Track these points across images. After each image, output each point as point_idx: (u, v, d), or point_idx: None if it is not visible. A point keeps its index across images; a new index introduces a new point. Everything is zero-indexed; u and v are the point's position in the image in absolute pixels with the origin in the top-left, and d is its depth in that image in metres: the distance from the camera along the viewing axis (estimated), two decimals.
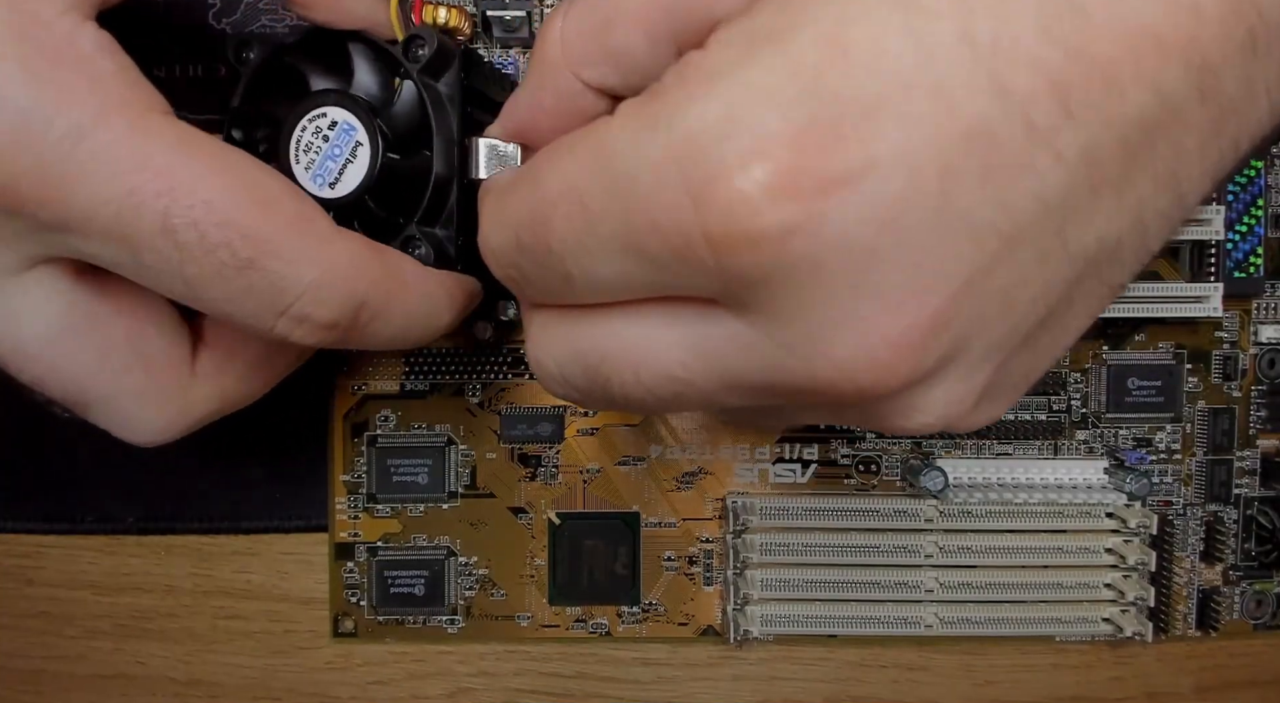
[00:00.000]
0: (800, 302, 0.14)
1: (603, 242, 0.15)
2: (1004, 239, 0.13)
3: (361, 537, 0.31)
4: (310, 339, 0.20)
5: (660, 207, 0.14)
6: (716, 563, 0.31)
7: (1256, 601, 0.31)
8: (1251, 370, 0.31)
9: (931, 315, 0.14)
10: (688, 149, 0.13)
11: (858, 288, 0.13)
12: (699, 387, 0.16)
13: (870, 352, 0.14)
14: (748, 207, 0.13)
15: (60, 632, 0.31)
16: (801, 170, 0.13)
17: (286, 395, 0.31)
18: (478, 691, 0.32)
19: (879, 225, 0.13)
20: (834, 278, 0.13)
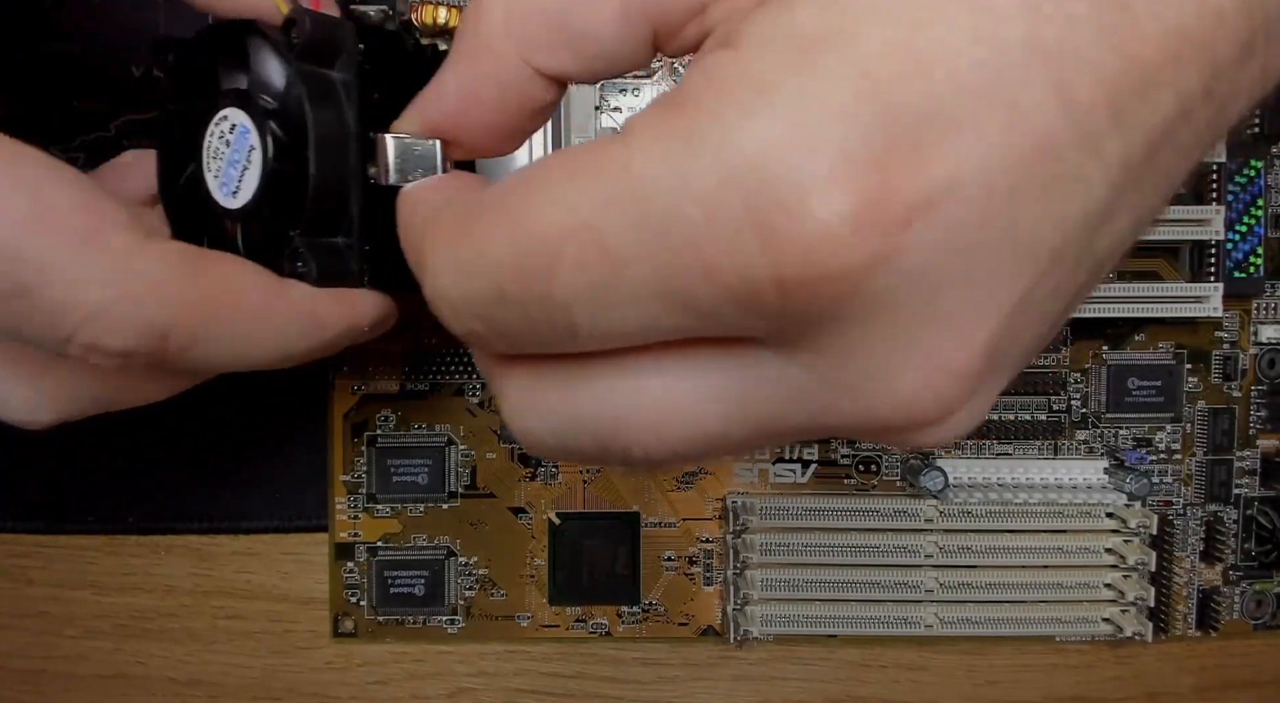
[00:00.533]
0: (864, 337, 0.12)
1: (631, 290, 0.12)
2: (1053, 255, 0.13)
3: (361, 537, 0.31)
4: (112, 365, 0.18)
5: (716, 247, 0.12)
6: (716, 563, 0.31)
7: (1256, 601, 0.31)
8: (1251, 370, 0.31)
9: (989, 339, 0.13)
10: (750, 177, 0.11)
11: (924, 319, 0.12)
12: (734, 439, 0.14)
13: (932, 386, 0.13)
14: (833, 242, 0.11)
15: (60, 632, 0.31)
16: (887, 197, 0.11)
17: (286, 395, 0.31)
18: (478, 691, 0.32)
19: (955, 252, 0.12)
20: (904, 312, 0.12)
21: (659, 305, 0.12)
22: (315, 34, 0.19)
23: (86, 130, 0.29)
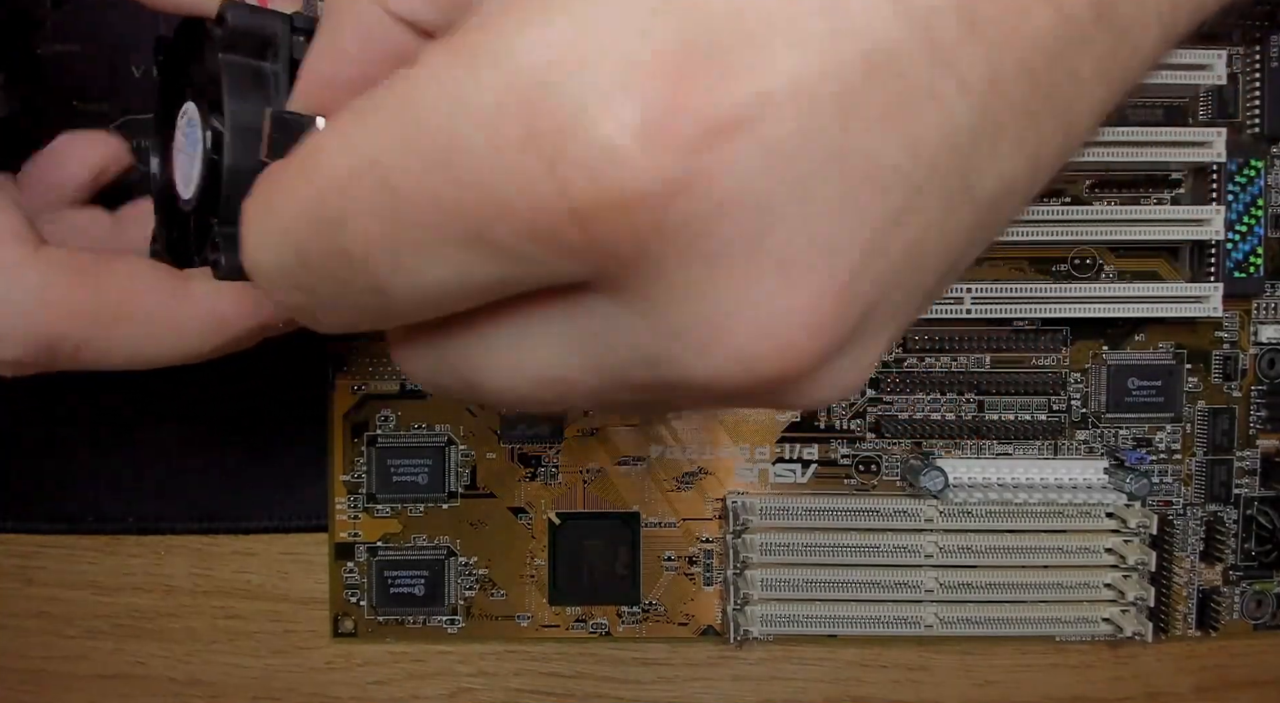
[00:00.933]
0: (687, 278, 0.11)
1: (428, 235, 0.11)
2: (911, 186, 0.11)
3: (361, 537, 0.31)
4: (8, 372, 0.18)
5: (504, 177, 0.10)
6: (716, 563, 0.31)
7: (1256, 601, 0.31)
8: (1251, 370, 0.31)
9: (842, 283, 0.11)
10: (531, 91, 0.10)
11: (754, 257, 0.11)
12: (582, 386, 0.13)
13: (775, 335, 0.11)
14: (619, 162, 0.10)
15: (60, 632, 0.31)
16: (682, 109, 0.10)
17: (286, 395, 0.31)
18: (478, 691, 0.32)
19: (777, 177, 0.10)
20: (726, 246, 0.11)
21: (463, 252, 0.11)
22: (240, 25, 0.19)
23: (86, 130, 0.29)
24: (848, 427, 0.31)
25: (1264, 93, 0.30)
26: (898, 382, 0.31)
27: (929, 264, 0.12)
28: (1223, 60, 0.28)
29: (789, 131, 0.10)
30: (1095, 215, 0.29)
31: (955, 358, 0.31)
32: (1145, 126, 0.29)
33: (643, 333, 0.12)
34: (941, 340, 0.31)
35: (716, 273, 0.11)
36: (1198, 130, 0.29)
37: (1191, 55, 0.28)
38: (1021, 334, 0.31)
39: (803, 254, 0.11)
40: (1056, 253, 0.31)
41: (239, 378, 0.30)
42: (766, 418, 0.31)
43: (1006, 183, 0.12)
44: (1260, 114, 0.30)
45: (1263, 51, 0.30)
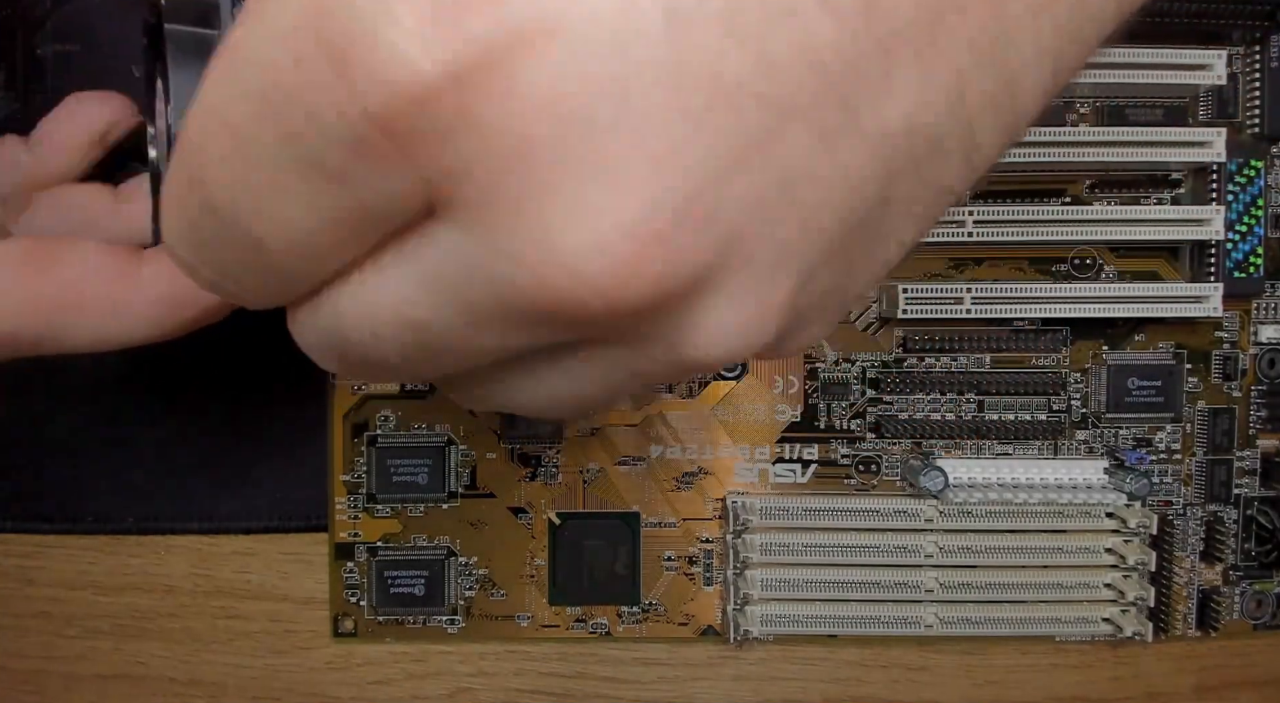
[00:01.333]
0: (510, 191, 0.11)
1: (267, 170, 0.11)
2: (768, 107, 0.11)
3: (361, 537, 0.31)
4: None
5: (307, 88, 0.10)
6: (716, 563, 0.31)
7: (1256, 601, 0.31)
8: (1251, 370, 0.31)
9: (682, 196, 0.11)
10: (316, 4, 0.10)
11: (580, 167, 0.10)
12: (436, 326, 0.13)
13: (604, 245, 0.11)
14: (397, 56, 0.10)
15: (60, 632, 0.31)
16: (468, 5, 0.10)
17: (286, 395, 0.31)
18: (478, 691, 0.32)
19: (593, 84, 0.10)
20: (546, 155, 0.10)
21: (305, 183, 0.11)
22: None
23: None
24: (848, 427, 0.31)
25: (1264, 93, 0.30)
26: (898, 382, 0.31)
27: (816, 205, 0.12)
28: (1223, 60, 0.28)
29: (602, 37, 0.10)
30: (1095, 215, 0.29)
31: (955, 358, 0.31)
32: (1145, 126, 0.29)
33: (480, 256, 0.11)
34: (941, 340, 0.31)
35: (541, 185, 0.11)
36: (1198, 130, 0.29)
37: (1191, 55, 0.28)
38: (1021, 334, 0.31)
39: (635, 165, 0.10)
40: (1056, 253, 0.31)
41: (239, 378, 0.30)
42: (767, 418, 0.31)
43: (923, 126, 0.12)
44: (1260, 114, 0.30)
45: (1263, 51, 0.30)
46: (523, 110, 0.10)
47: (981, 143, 0.12)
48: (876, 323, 0.31)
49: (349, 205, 0.12)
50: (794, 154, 0.11)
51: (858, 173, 0.12)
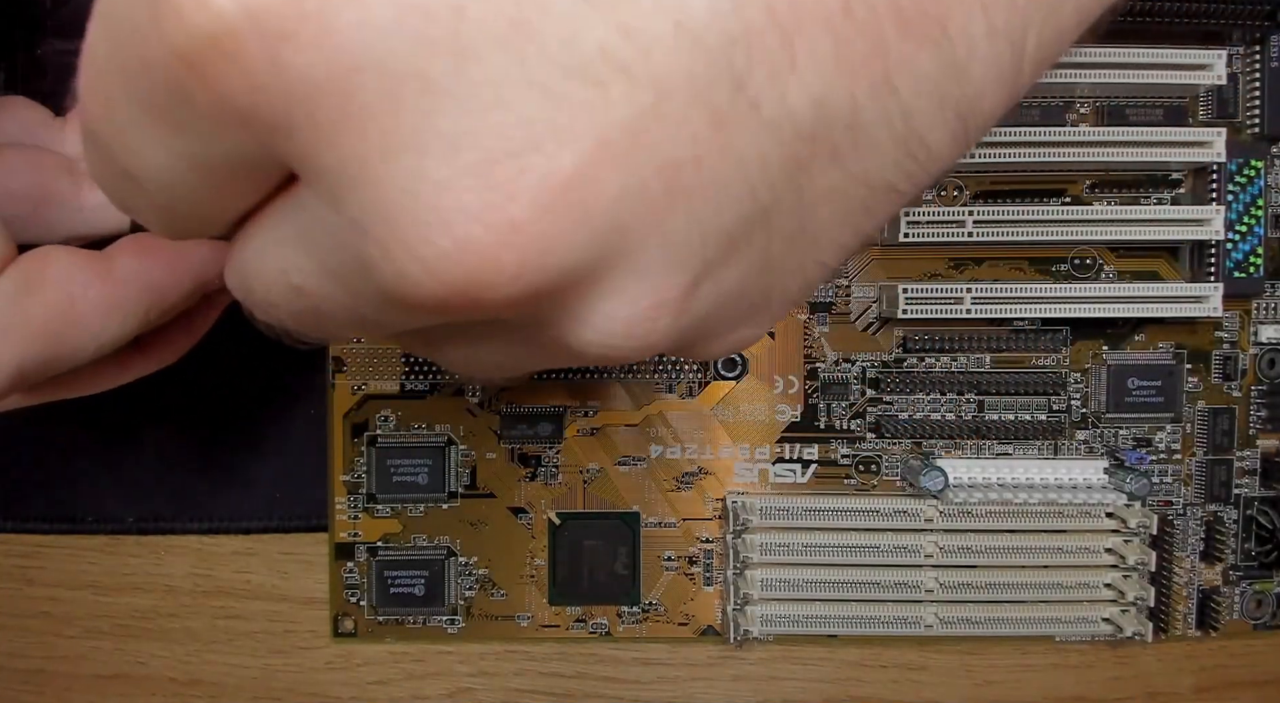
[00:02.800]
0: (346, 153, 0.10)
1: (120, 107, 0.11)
2: (640, 84, 0.09)
3: (361, 537, 0.31)
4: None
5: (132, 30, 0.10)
6: (716, 563, 0.31)
7: (1256, 601, 0.31)
8: (1251, 370, 0.31)
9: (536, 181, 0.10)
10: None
11: (416, 134, 0.10)
12: (323, 296, 0.12)
13: (452, 230, 0.10)
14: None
15: (60, 632, 0.31)
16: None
17: (286, 395, 0.31)
18: (478, 691, 0.32)
19: (426, 43, 0.09)
20: (375, 115, 0.09)
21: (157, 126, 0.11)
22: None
23: None
24: (848, 427, 0.31)
25: (1264, 93, 0.30)
26: (898, 382, 0.31)
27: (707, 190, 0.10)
28: (1223, 60, 0.28)
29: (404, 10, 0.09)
30: (1095, 215, 0.29)
31: (955, 358, 0.31)
32: (1145, 126, 0.29)
33: (338, 227, 0.11)
34: (941, 340, 0.31)
35: (375, 149, 0.10)
36: (1198, 130, 0.29)
37: (1191, 55, 0.28)
38: (1021, 334, 0.31)
39: (481, 138, 0.09)
40: (1056, 253, 0.31)
41: (239, 378, 0.30)
42: (767, 418, 0.31)
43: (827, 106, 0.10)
44: (1260, 114, 0.30)
45: (1263, 51, 0.30)
46: (339, 60, 0.09)
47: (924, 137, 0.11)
48: (876, 323, 0.31)
49: (200, 153, 0.11)
50: (677, 138, 0.10)
51: (757, 162, 0.10)
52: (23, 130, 0.24)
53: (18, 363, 0.18)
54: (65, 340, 0.19)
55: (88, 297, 0.19)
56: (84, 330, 0.19)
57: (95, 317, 0.19)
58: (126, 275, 0.19)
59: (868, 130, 0.11)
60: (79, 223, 0.23)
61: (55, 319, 0.18)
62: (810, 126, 0.10)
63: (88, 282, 0.19)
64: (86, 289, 0.19)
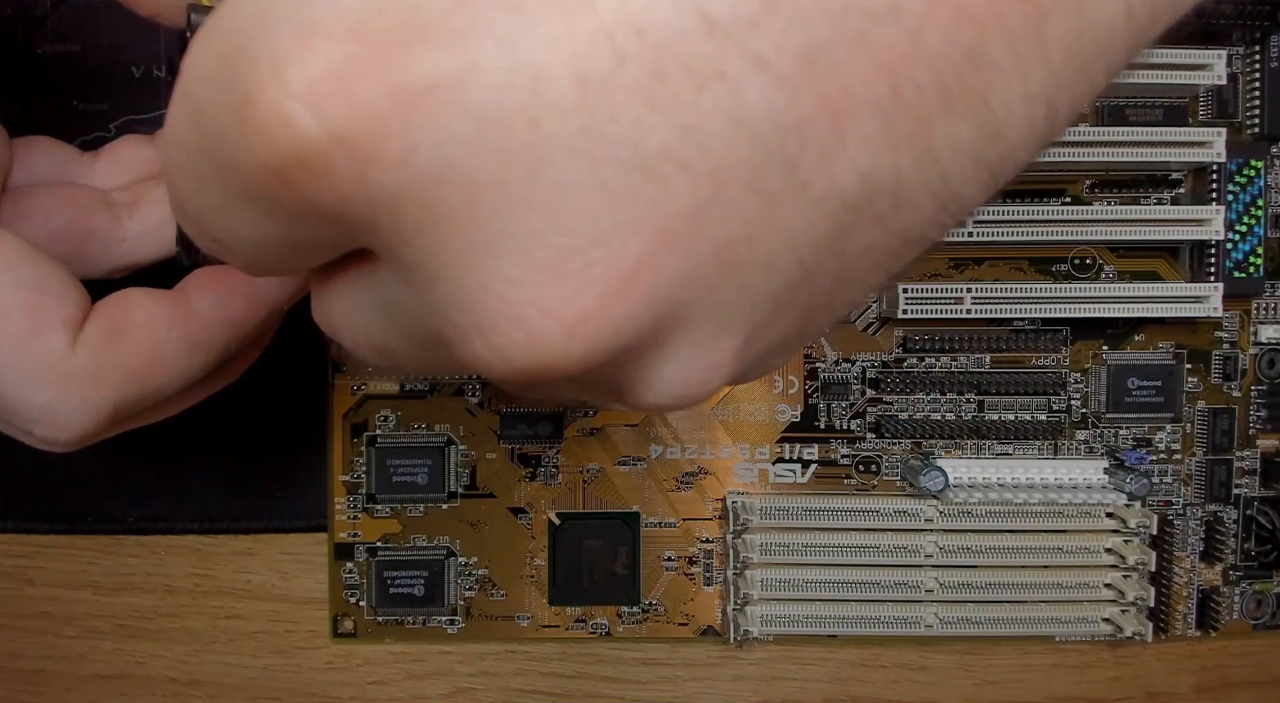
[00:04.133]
0: (429, 257, 0.11)
1: (211, 192, 0.12)
2: (699, 177, 0.10)
3: (361, 537, 0.31)
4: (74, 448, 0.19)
5: (219, 132, 0.11)
6: (716, 563, 0.31)
7: (1256, 601, 0.31)
8: (1251, 370, 0.31)
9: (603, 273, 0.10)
10: (229, 54, 0.10)
11: (494, 239, 0.10)
12: (403, 354, 0.13)
13: (525, 326, 0.11)
14: (285, 119, 0.10)
15: (60, 632, 0.31)
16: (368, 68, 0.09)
17: (286, 395, 0.31)
18: (478, 691, 0.32)
19: (503, 153, 0.10)
20: (456, 222, 0.10)
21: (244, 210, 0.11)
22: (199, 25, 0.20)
23: (86, 130, 0.29)
24: (848, 427, 0.31)
25: (1264, 93, 0.30)
26: (898, 382, 0.31)
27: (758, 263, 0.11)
28: (1223, 60, 0.28)
29: (509, 102, 0.10)
30: (1095, 215, 0.29)
31: (955, 358, 0.31)
32: (1145, 126, 0.29)
33: (419, 307, 0.12)
34: (941, 340, 0.31)
35: (456, 253, 0.10)
36: (1198, 130, 0.29)
37: (1191, 55, 0.28)
38: (1021, 334, 0.31)
39: (553, 239, 0.10)
40: (1056, 253, 0.31)
41: (239, 378, 0.30)
42: (767, 418, 0.31)
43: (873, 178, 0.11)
44: (1260, 114, 0.30)
45: (1263, 51, 0.30)
46: (423, 175, 0.10)
47: (960, 193, 0.11)
48: (876, 323, 0.31)
49: (286, 235, 0.12)
50: (732, 221, 0.11)
51: (804, 234, 0.11)
52: (55, 168, 0.24)
53: (112, 404, 0.19)
54: (153, 380, 0.19)
55: (171, 337, 0.19)
56: (169, 369, 0.19)
57: (179, 356, 0.19)
58: (205, 313, 0.20)
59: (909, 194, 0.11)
60: (121, 254, 0.23)
61: (143, 362, 0.19)
62: (855, 199, 0.11)
63: (170, 322, 0.20)
64: (170, 330, 0.19)
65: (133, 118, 0.29)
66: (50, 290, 0.18)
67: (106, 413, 0.19)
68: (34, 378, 0.18)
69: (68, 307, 0.19)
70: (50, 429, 0.18)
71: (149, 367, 0.19)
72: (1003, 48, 0.10)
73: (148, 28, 0.29)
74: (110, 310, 0.19)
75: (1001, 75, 0.10)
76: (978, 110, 0.11)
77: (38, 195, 0.23)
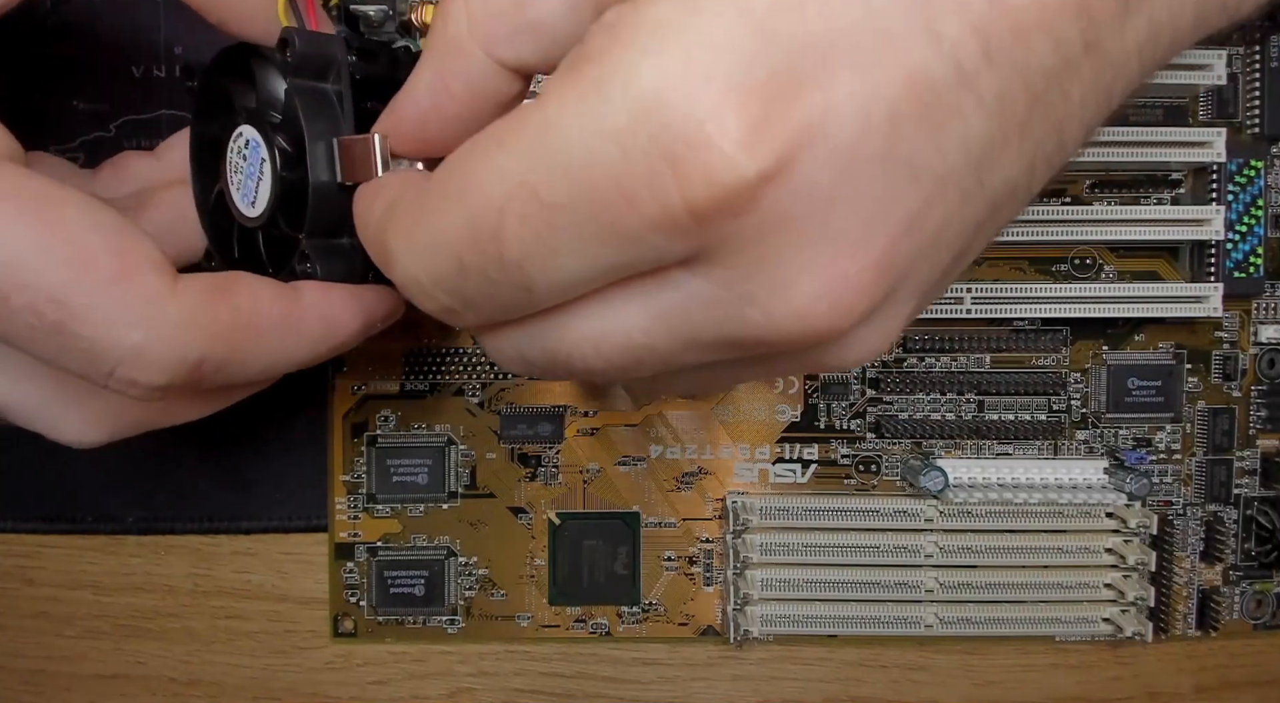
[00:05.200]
0: (765, 253, 0.14)
1: (568, 235, 0.14)
2: (937, 181, 0.14)
3: (361, 537, 0.31)
4: (150, 399, 0.19)
5: (635, 181, 0.13)
6: (716, 563, 0.31)
7: (1256, 601, 0.31)
8: (1251, 370, 0.31)
9: (880, 256, 0.14)
10: (654, 111, 0.12)
11: (819, 235, 0.14)
12: (660, 350, 0.16)
13: (827, 295, 0.14)
14: (729, 163, 0.12)
15: (60, 632, 0.31)
16: (772, 119, 0.13)
17: (286, 395, 0.31)
18: (478, 691, 0.32)
19: (839, 171, 0.13)
20: (800, 226, 0.13)
21: (598, 246, 0.14)
22: (307, 51, 0.21)
23: (87, 130, 0.29)
24: (848, 427, 0.31)
25: (1264, 93, 0.30)
26: (898, 382, 0.31)
27: (948, 245, 0.15)
28: (1223, 60, 0.28)
29: (850, 136, 0.13)
30: (1095, 215, 0.29)
31: (955, 358, 0.31)
32: (1145, 126, 0.29)
33: (720, 299, 0.14)
34: (941, 340, 0.31)
35: (788, 248, 0.14)
36: (1198, 130, 0.29)
37: (1191, 55, 0.28)
38: (1021, 334, 0.31)
39: (853, 232, 0.14)
40: (1056, 253, 0.31)
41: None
42: (767, 418, 0.31)
43: (1010, 184, 0.15)
44: (1260, 114, 0.30)
45: (1263, 51, 0.30)
46: (792, 197, 0.13)
47: (1035, 189, 0.16)
48: None
49: (619, 262, 0.14)
50: (944, 214, 0.14)
51: (973, 222, 0.15)
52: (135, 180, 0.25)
53: (200, 356, 0.19)
54: (245, 347, 0.19)
55: (272, 312, 0.20)
56: (263, 344, 0.20)
57: (274, 333, 0.20)
58: (310, 302, 0.21)
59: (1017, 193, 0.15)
60: None
61: (240, 325, 0.19)
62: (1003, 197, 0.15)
63: (274, 298, 0.20)
64: (273, 305, 0.20)
65: (133, 118, 0.29)
66: (132, 234, 0.19)
67: (192, 364, 0.19)
68: (126, 318, 0.18)
69: (154, 252, 0.19)
70: (135, 369, 0.18)
71: (245, 333, 0.19)
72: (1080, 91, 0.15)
73: (148, 28, 0.29)
74: (216, 276, 0.20)
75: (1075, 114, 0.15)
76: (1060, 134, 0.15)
77: None
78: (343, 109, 0.21)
